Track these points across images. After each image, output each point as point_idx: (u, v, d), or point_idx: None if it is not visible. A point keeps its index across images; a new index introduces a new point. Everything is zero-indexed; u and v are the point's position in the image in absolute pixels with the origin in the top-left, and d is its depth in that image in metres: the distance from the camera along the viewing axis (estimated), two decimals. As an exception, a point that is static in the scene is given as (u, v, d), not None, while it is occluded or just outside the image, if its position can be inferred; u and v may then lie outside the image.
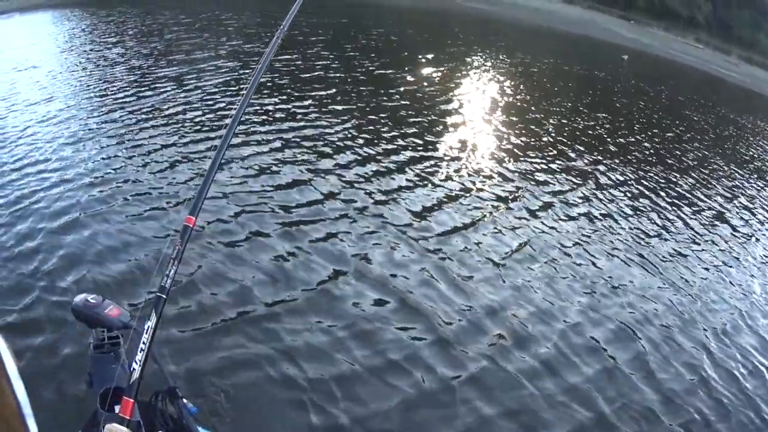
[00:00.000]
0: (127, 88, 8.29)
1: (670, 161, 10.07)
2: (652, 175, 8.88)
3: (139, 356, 1.34)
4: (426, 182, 6.42)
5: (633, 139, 10.89)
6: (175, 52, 11.04)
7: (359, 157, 6.74)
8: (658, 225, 6.78)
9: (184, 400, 1.58)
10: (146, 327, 1.37)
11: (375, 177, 6.25)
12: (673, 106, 16.31)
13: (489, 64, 15.97)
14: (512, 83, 13.59)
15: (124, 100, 7.74)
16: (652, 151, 10.43)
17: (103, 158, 5.74)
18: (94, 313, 1.63)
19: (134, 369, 1.33)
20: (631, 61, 23.17)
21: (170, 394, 1.53)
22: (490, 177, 7.02)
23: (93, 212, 4.62)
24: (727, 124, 15.98)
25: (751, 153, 13.01)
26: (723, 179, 9.89)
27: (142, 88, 8.37)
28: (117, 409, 1.34)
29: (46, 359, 2.97)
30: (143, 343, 1.35)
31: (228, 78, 9.45)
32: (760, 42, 30.26)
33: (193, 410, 1.57)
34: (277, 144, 6.71)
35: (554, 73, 16.44)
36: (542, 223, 5.95)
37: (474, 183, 6.69)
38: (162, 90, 8.37)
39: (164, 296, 1.43)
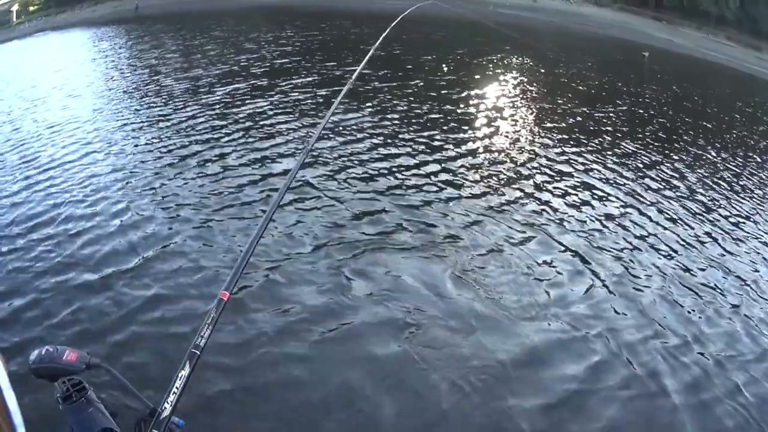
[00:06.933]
0: (174, 137, 8.70)
1: (705, 155, 11.54)
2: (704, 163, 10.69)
3: (171, 398, 1.44)
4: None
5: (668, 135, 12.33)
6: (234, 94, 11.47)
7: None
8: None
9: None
10: (179, 375, 1.48)
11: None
12: (693, 99, 18.05)
13: (523, 69, 18.39)
14: (544, 87, 15.66)
15: (167, 150, 8.19)
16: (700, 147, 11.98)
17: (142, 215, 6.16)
18: (54, 364, 1.56)
19: (165, 408, 1.40)
20: (653, 59, 24.76)
21: (152, 415, 1.49)
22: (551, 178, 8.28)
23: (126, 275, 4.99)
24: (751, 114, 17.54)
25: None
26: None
27: (191, 138, 8.68)
28: None
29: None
30: (176, 387, 1.46)
31: (289, 133, 9.17)
32: (791, 37, 30.77)
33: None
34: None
35: (582, 75, 18.66)
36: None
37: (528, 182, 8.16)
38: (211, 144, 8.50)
39: (198, 352, 1.52)
